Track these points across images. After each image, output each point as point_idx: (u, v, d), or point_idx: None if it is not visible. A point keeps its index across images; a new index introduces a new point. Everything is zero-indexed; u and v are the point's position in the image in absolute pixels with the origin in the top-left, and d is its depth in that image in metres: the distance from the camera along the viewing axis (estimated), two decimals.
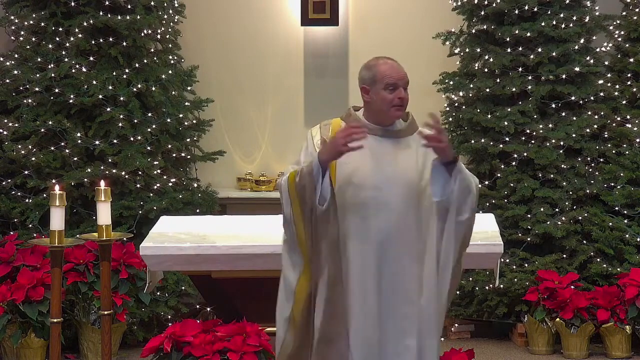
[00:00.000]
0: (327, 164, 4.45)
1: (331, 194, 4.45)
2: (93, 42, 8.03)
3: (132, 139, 7.97)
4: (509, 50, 8.19)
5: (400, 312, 4.51)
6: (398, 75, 4.60)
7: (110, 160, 7.90)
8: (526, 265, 7.89)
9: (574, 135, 8.05)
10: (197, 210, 8.10)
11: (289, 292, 4.55)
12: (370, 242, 4.50)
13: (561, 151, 8.07)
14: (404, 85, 4.62)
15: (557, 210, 7.99)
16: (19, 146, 7.89)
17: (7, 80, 8.05)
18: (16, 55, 8.14)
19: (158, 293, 7.75)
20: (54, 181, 7.27)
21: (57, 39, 8.05)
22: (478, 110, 8.20)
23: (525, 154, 8.04)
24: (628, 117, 8.18)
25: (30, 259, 7.38)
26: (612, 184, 8.05)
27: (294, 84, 8.96)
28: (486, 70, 8.22)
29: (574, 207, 8.02)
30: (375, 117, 4.63)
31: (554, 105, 8.15)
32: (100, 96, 7.90)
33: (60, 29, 8.05)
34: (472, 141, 8.21)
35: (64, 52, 8.02)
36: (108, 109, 7.91)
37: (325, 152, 4.45)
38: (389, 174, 4.52)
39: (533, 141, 8.08)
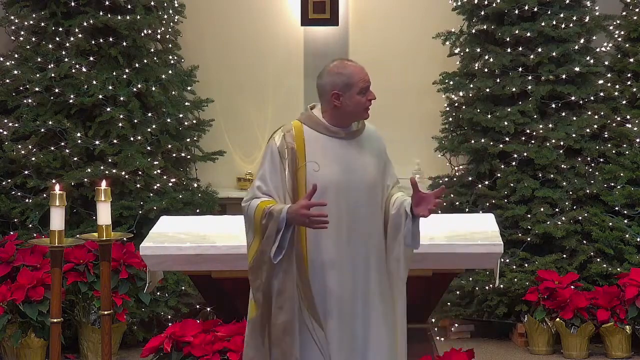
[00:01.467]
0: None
1: (287, 250, 4.51)
2: (93, 42, 8.03)
3: (132, 139, 7.97)
4: (509, 50, 8.19)
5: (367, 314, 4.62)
6: (367, 77, 4.66)
7: (110, 160, 7.90)
8: (526, 265, 7.89)
9: (574, 135, 8.05)
10: (197, 210, 8.10)
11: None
12: (343, 239, 4.58)
13: (561, 151, 8.07)
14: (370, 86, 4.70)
15: (557, 210, 7.99)
16: (19, 146, 7.89)
17: (7, 80, 8.05)
18: (16, 55, 8.14)
19: (158, 293, 7.75)
20: (54, 181, 7.27)
21: (57, 39, 8.05)
22: (478, 110, 8.20)
23: (525, 154, 8.04)
24: (628, 117, 8.18)
25: (30, 259, 7.38)
26: (612, 184, 8.05)
27: (294, 84, 8.96)
28: (486, 70, 8.22)
29: (574, 207, 8.02)
30: (339, 120, 4.67)
31: (554, 105, 8.15)
32: (100, 96, 7.90)
33: (60, 29, 8.05)
34: (472, 141, 8.21)
35: (64, 52, 8.02)
36: (108, 109, 7.91)
37: (292, 218, 4.47)
38: (356, 174, 4.62)
39: (533, 141, 8.08)
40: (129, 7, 8.12)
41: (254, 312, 4.62)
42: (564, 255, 7.93)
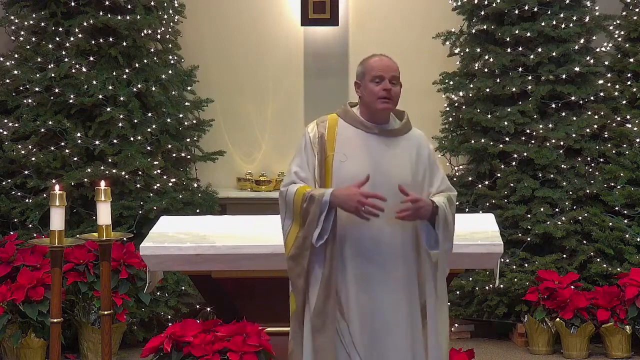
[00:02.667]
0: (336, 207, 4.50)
1: (330, 235, 4.51)
2: (93, 42, 8.03)
3: (132, 139, 7.97)
4: (509, 50, 8.19)
5: (391, 307, 4.57)
6: (385, 68, 4.59)
7: (110, 160, 7.90)
8: (526, 265, 7.89)
9: (574, 135, 8.05)
10: (197, 210, 8.10)
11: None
12: (364, 239, 4.54)
13: (561, 151, 8.07)
14: (391, 79, 4.59)
15: (557, 210, 7.99)
16: (19, 146, 7.90)
17: (7, 80, 8.05)
18: (16, 55, 8.15)
19: (158, 293, 7.75)
20: (54, 181, 7.27)
21: (57, 39, 8.05)
22: (478, 110, 8.20)
23: (525, 154, 8.04)
24: (628, 117, 8.18)
25: (30, 259, 7.38)
26: (612, 184, 8.05)
27: (294, 84, 8.96)
28: (486, 70, 8.22)
29: (574, 207, 8.03)
30: (369, 114, 4.66)
31: (554, 105, 8.15)
32: (100, 96, 7.90)
33: (60, 29, 8.05)
34: (472, 141, 8.21)
35: (64, 52, 8.02)
36: (108, 109, 7.91)
37: (341, 200, 4.46)
38: (384, 173, 4.57)
39: (533, 141, 8.08)
40: (129, 7, 8.12)
41: (295, 303, 4.62)
42: (564, 255, 7.93)
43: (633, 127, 8.11)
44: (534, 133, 8.08)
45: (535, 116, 8.11)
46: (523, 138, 8.11)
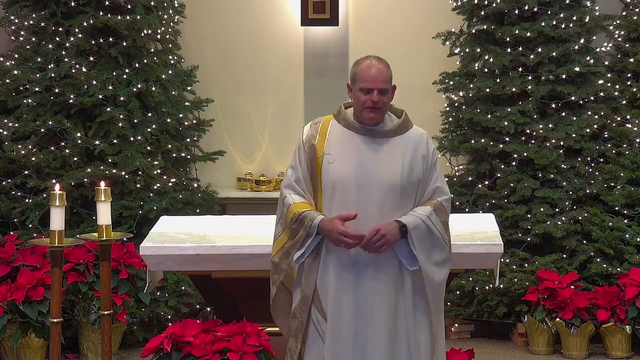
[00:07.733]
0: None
1: (312, 254, 4.61)
2: (93, 42, 8.03)
3: (132, 139, 7.97)
4: (509, 50, 8.19)
5: (375, 309, 4.58)
6: (374, 80, 4.55)
7: (110, 160, 7.91)
8: (526, 265, 7.89)
9: (574, 135, 8.05)
10: (197, 210, 8.10)
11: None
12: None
13: (561, 151, 8.07)
14: (380, 90, 4.56)
15: (557, 210, 7.99)
16: (19, 146, 7.90)
17: (7, 80, 8.05)
18: (16, 55, 8.15)
19: (158, 293, 7.75)
20: (54, 181, 7.27)
21: (57, 39, 8.06)
22: (478, 110, 8.20)
23: (525, 154, 8.04)
24: (628, 117, 8.18)
25: (30, 259, 7.38)
26: (612, 184, 8.05)
27: (294, 84, 8.96)
28: (486, 70, 8.22)
29: (574, 207, 8.03)
30: (358, 116, 4.66)
31: (554, 105, 8.15)
32: (100, 96, 7.90)
33: (60, 29, 8.05)
34: (472, 141, 8.21)
35: (64, 52, 8.02)
36: (108, 109, 7.91)
37: (325, 232, 4.54)
38: (372, 174, 4.56)
39: (533, 141, 8.09)
40: (129, 7, 8.12)
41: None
42: (564, 255, 7.94)
43: (633, 127, 8.11)
44: (534, 133, 8.08)
45: (535, 116, 8.11)
46: (523, 138, 8.11)
